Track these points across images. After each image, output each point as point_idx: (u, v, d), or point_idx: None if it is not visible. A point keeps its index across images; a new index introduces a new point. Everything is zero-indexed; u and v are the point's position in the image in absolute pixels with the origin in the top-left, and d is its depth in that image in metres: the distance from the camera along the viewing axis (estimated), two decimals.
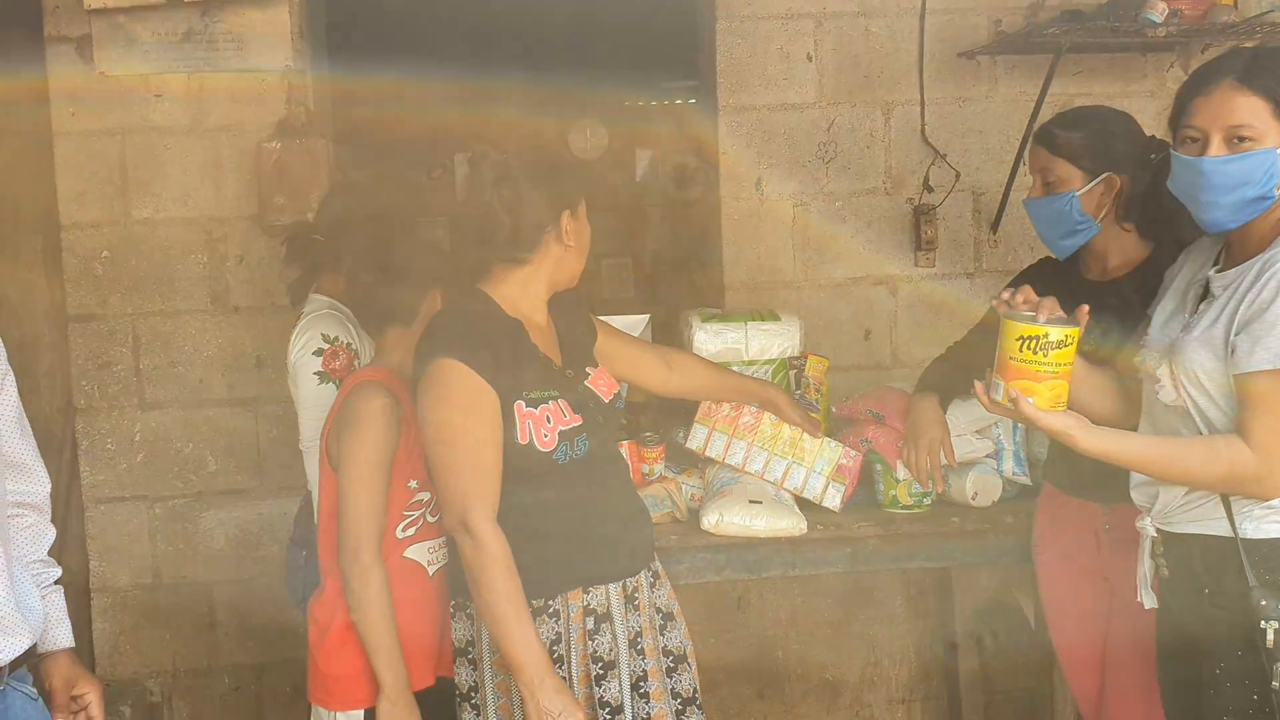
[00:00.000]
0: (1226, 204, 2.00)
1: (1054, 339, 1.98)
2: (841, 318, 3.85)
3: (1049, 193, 2.54)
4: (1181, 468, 2.01)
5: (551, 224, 2.28)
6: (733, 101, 3.77)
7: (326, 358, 2.70)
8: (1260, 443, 1.94)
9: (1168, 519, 2.12)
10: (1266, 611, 1.95)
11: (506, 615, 2.12)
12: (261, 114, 3.54)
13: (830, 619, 3.92)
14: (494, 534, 2.13)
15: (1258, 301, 1.95)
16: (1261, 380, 1.93)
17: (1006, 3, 3.76)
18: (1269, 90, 1.97)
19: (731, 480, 2.82)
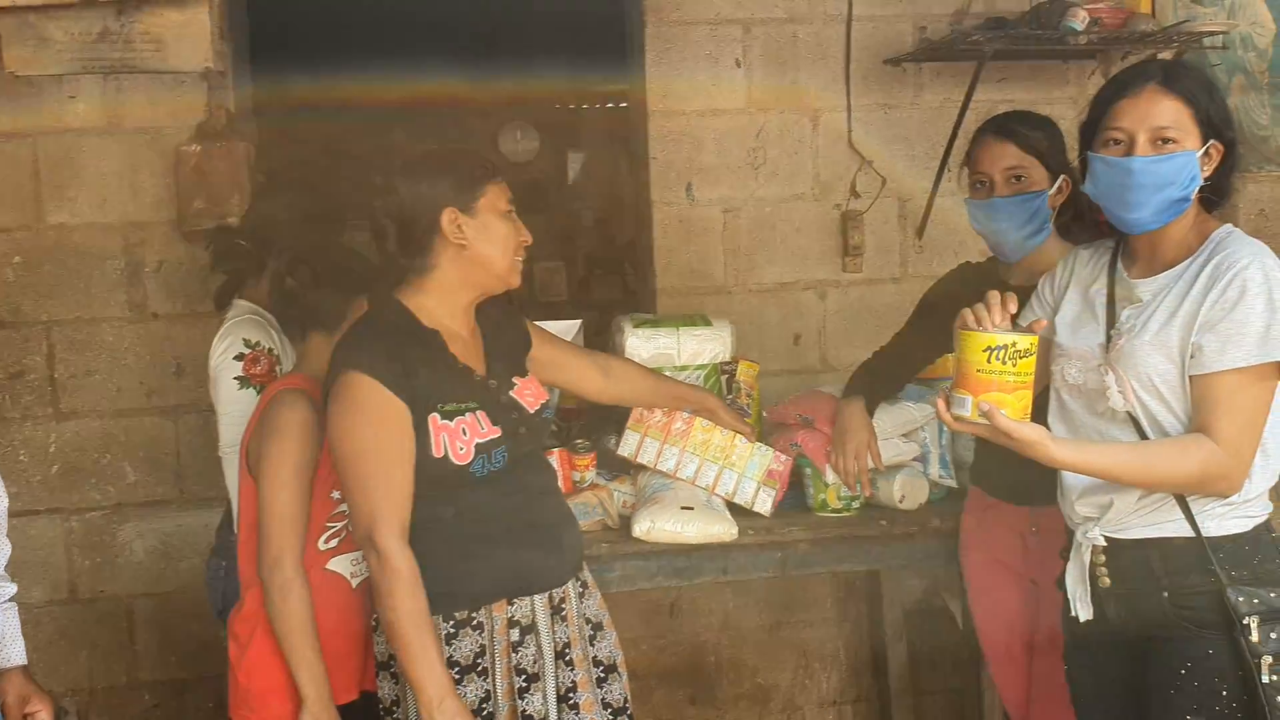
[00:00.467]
0: (1153, 204, 2.03)
1: (1022, 347, 1.96)
2: (771, 322, 3.86)
3: (1019, 190, 2.52)
4: (1154, 471, 2.01)
5: (435, 224, 2.21)
6: (662, 107, 3.77)
7: (248, 362, 2.67)
8: (1229, 439, 1.96)
9: (1121, 526, 2.11)
10: (1244, 608, 1.98)
11: (408, 634, 2.09)
12: (181, 116, 3.47)
13: (762, 623, 3.93)
14: (399, 551, 2.10)
15: (1221, 302, 1.97)
16: (1230, 378, 1.96)
17: (931, 10, 3.80)
18: (1189, 95, 2.02)
19: (663, 487, 2.81)
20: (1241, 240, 2.05)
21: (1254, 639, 1.96)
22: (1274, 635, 1.97)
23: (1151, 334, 2.04)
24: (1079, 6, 3.45)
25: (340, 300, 2.45)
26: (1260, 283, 1.96)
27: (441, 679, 2.09)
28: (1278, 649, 1.96)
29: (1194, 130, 2.02)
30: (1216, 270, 2.00)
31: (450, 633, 2.19)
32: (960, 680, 3.81)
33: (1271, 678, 1.95)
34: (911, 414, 2.87)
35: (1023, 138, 2.53)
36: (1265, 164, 4.06)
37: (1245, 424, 1.98)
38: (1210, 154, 2.05)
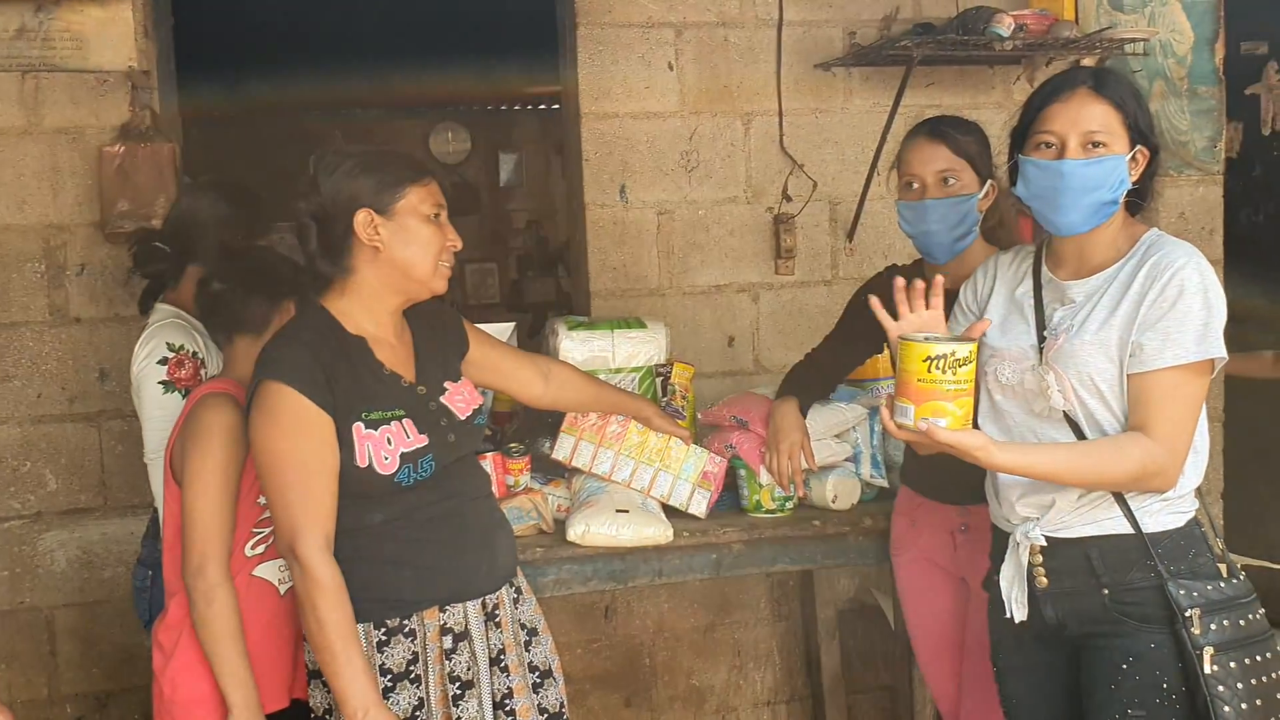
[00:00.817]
0: (1083, 206, 2.07)
1: (960, 356, 1.96)
2: (705, 325, 3.88)
3: (950, 193, 2.54)
4: (1094, 470, 2.04)
5: (350, 227, 2.17)
6: (595, 109, 3.77)
7: (172, 366, 2.64)
8: (1165, 435, 2.01)
9: (1061, 525, 2.13)
10: (1185, 601, 2.02)
11: (332, 645, 2.07)
12: (103, 116, 3.40)
13: (697, 625, 3.94)
14: (321, 562, 2.07)
15: (1160, 301, 2.01)
16: (1169, 376, 2.00)
17: (860, 16, 3.84)
18: (1119, 100, 2.06)
19: (598, 490, 2.81)
20: (1173, 242, 2.09)
21: (1195, 631, 2.00)
22: (1214, 627, 2.01)
23: (1091, 333, 2.07)
24: (1004, 13, 3.51)
25: (265, 303, 2.42)
26: (1197, 283, 2.01)
27: (365, 689, 2.07)
28: (1218, 640, 2.00)
29: (1123, 134, 2.07)
30: (1154, 271, 2.04)
31: (382, 640, 2.17)
32: (892, 678, 3.85)
33: (1213, 668, 1.99)
34: (844, 414, 2.90)
35: (954, 141, 2.55)
36: (1185, 168, 4.17)
37: (1181, 421, 2.02)
38: (1137, 159, 2.10)
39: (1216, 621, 2.02)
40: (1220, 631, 2.01)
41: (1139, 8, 4.08)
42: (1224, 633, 2.01)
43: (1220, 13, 4.16)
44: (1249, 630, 2.04)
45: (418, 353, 2.31)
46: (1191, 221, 4.14)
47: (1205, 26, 4.16)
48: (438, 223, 2.24)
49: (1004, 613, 2.20)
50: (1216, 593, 2.04)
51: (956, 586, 2.65)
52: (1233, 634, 2.02)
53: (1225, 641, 2.01)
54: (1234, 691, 1.99)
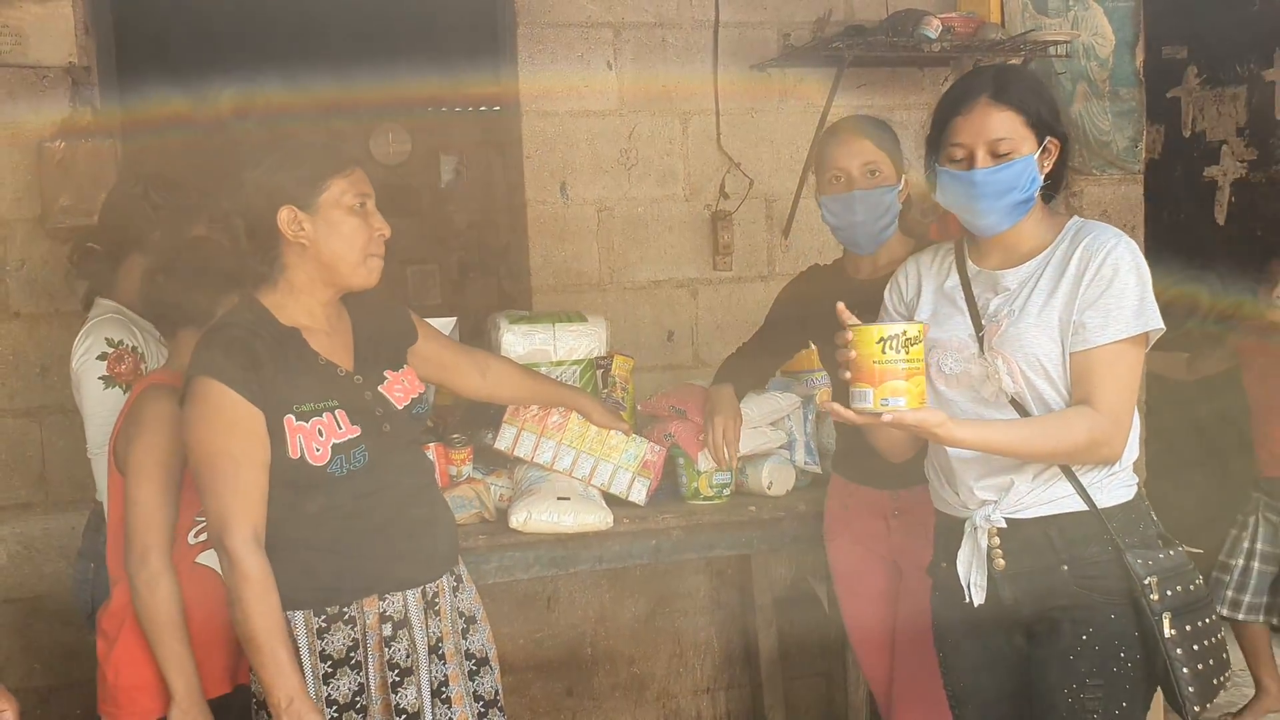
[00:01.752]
0: (999, 209, 2.16)
1: (911, 334, 2.04)
2: (645, 319, 3.94)
3: (876, 184, 2.62)
4: (1047, 442, 2.12)
5: (274, 223, 2.19)
6: (535, 107, 3.82)
7: (111, 362, 2.65)
8: (1109, 406, 2.10)
9: (1020, 506, 2.19)
10: (1143, 570, 2.11)
11: (257, 637, 2.10)
12: (44, 112, 3.38)
13: (637, 614, 4.00)
14: (247, 555, 2.10)
15: (1097, 280, 2.11)
16: (1110, 350, 2.10)
17: (794, 18, 3.94)
18: (1020, 103, 2.15)
19: (540, 479, 2.85)
20: (1100, 226, 2.19)
21: (1155, 598, 2.10)
22: (1169, 593, 2.11)
23: (1034, 316, 2.15)
24: (933, 16, 3.62)
25: (208, 296, 2.43)
26: (1130, 260, 2.11)
27: (290, 680, 2.10)
28: (1174, 605, 2.11)
29: (1028, 134, 2.15)
30: (1087, 253, 2.13)
31: (322, 627, 2.20)
32: (828, 664, 3.94)
33: (1171, 632, 2.10)
34: (779, 403, 2.98)
35: (874, 135, 2.65)
36: (1108, 168, 4.30)
37: (1122, 391, 2.11)
38: (1049, 149, 2.19)
39: (1171, 588, 2.12)
40: (1175, 597, 2.12)
41: (1062, 11, 4.20)
42: (1177, 598, 2.12)
43: (1140, 17, 4.31)
44: (1195, 595, 2.16)
45: (356, 341, 2.34)
46: (1114, 219, 4.27)
47: (1126, 30, 4.30)
48: (363, 212, 2.24)
49: (952, 599, 2.26)
50: (1167, 560, 2.15)
51: (889, 570, 2.72)
52: (1184, 599, 2.13)
53: (1179, 607, 2.12)
54: (1189, 654, 2.10)
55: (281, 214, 2.19)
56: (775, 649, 3.91)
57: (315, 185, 2.20)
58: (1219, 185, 5.03)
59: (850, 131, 2.67)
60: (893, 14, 3.74)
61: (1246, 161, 4.96)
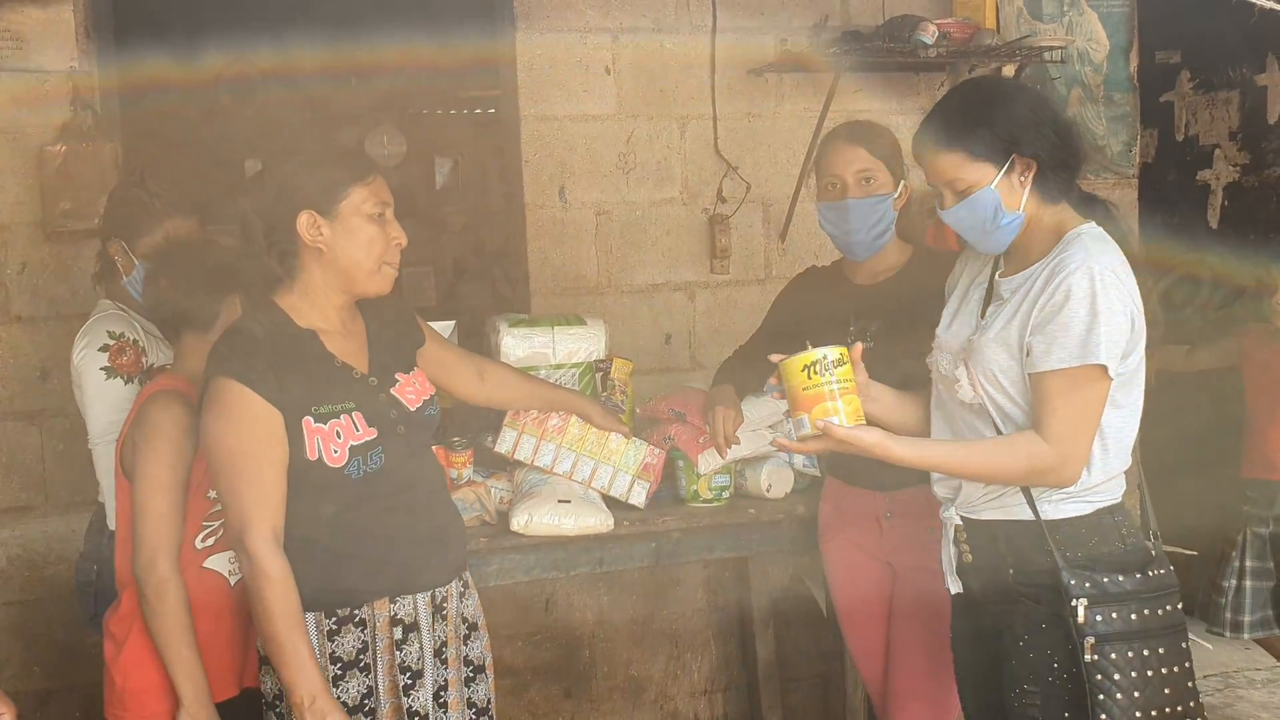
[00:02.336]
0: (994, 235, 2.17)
1: (832, 358, 2.12)
2: (643, 322, 3.96)
3: (870, 192, 2.64)
4: (985, 467, 2.14)
5: (293, 228, 2.20)
6: (534, 111, 3.84)
7: (113, 353, 2.68)
8: (1055, 435, 2.07)
9: (972, 508, 2.24)
10: (1075, 590, 2.10)
11: (279, 635, 2.11)
12: (45, 117, 3.39)
13: (635, 617, 4.01)
14: (269, 554, 2.11)
15: (1049, 305, 2.08)
16: (1056, 378, 2.07)
17: (791, 23, 3.96)
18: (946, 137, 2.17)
19: (540, 481, 2.87)
20: (1082, 243, 2.11)
21: (1080, 620, 2.09)
22: (1099, 618, 2.08)
23: (995, 330, 2.16)
24: (929, 21, 3.64)
25: (212, 300, 2.44)
26: (1085, 289, 2.04)
27: (313, 679, 2.12)
28: (1105, 631, 2.08)
29: (983, 166, 2.13)
30: (1054, 272, 2.10)
31: (332, 629, 2.22)
32: (825, 665, 3.96)
33: (1093, 657, 2.08)
34: (777, 406, 2.96)
35: (871, 143, 2.67)
36: (1102, 172, 4.33)
37: (1072, 421, 2.07)
38: (1016, 165, 2.14)
39: (1104, 613, 2.09)
40: (1108, 623, 2.08)
41: (1057, 17, 4.24)
42: (1112, 624, 2.08)
43: (1134, 23, 4.34)
44: (1146, 624, 2.10)
45: (370, 343, 2.35)
46: None
47: (1120, 35, 4.33)
48: (382, 221, 2.26)
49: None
50: (1114, 585, 2.10)
51: (883, 571, 2.74)
52: (1123, 626, 2.09)
53: (1114, 633, 2.08)
54: (1129, 681, 2.07)
55: (301, 218, 2.20)
56: (773, 651, 3.93)
57: (337, 191, 2.22)
58: (1212, 189, 5.06)
59: (846, 139, 2.69)
60: (889, 20, 3.76)
61: (1239, 165, 4.99)
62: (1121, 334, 2.06)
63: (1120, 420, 2.14)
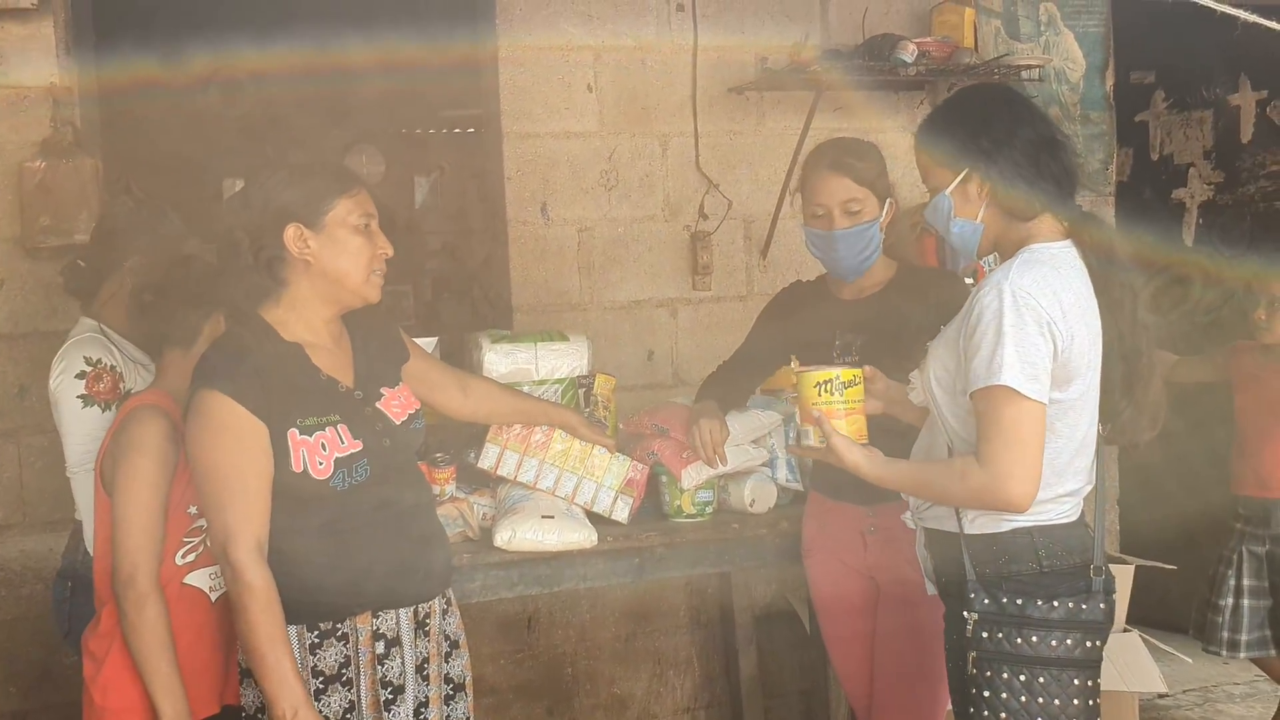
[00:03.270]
0: None
1: (845, 379, 2.25)
2: (625, 339, 3.97)
3: (856, 222, 2.65)
4: (933, 487, 2.20)
5: (280, 240, 2.21)
6: (516, 129, 3.85)
7: (90, 381, 2.65)
8: (984, 456, 2.06)
9: (921, 516, 2.32)
10: (973, 604, 2.15)
11: (261, 648, 2.11)
12: (24, 132, 3.37)
13: (618, 634, 4.01)
14: (252, 566, 2.11)
15: (966, 327, 2.10)
16: (976, 400, 2.08)
17: (772, 42, 3.98)
18: None
19: (523, 497, 2.86)
20: (1011, 265, 2.10)
21: (967, 632, 2.16)
22: (985, 635, 2.13)
23: (939, 341, 2.22)
24: (908, 40, 3.68)
25: (193, 316, 2.44)
26: (994, 311, 2.04)
27: (295, 692, 2.11)
28: (987, 648, 2.13)
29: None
30: (975, 294, 2.12)
31: (315, 642, 2.20)
32: (808, 682, 3.95)
33: (973, 670, 2.15)
34: (760, 421, 3.00)
35: (855, 170, 2.66)
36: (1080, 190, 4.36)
37: (997, 442, 2.04)
38: (972, 182, 2.18)
39: (991, 633, 2.13)
40: (994, 643, 2.12)
41: (1034, 36, 4.29)
42: (999, 645, 2.12)
43: (1110, 43, 4.40)
44: (1033, 653, 2.11)
45: (356, 357, 2.35)
46: None
47: (1096, 55, 4.38)
48: (368, 232, 2.27)
49: None
50: (1013, 607, 2.12)
51: (866, 586, 2.74)
52: (1011, 649, 2.11)
53: (1001, 654, 2.12)
54: (1018, 703, 2.11)
55: (288, 231, 2.21)
56: (756, 668, 3.93)
57: (322, 204, 2.22)
58: (1187, 207, 5.12)
59: (831, 168, 2.67)
60: (869, 38, 3.80)
61: (1213, 184, 5.05)
62: (1035, 354, 2.02)
63: (1052, 448, 2.10)
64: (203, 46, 5.22)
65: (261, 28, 5.00)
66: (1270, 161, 4.84)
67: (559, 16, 3.86)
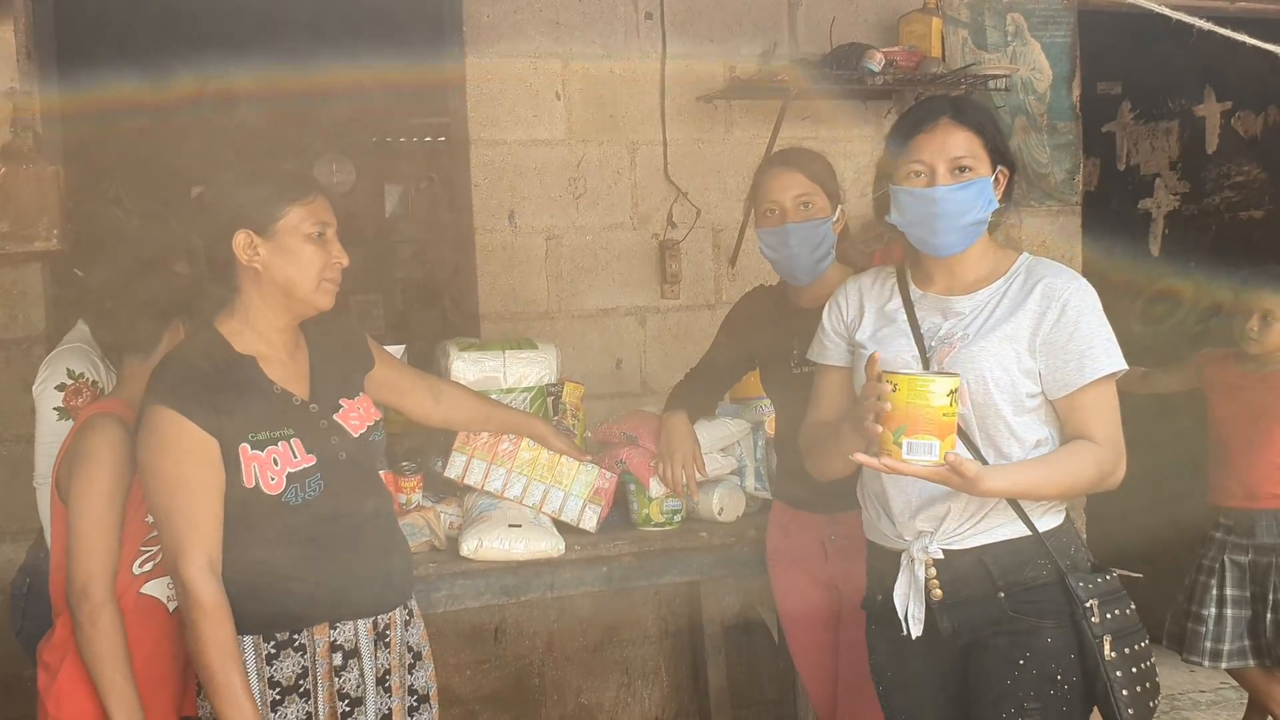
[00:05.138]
0: (958, 228, 2.19)
1: (959, 386, 2.03)
2: (593, 347, 3.96)
3: (808, 216, 2.65)
4: (1067, 478, 2.15)
5: (229, 247, 2.19)
6: (484, 136, 3.84)
7: (68, 394, 2.63)
8: (1107, 437, 2.15)
9: (956, 537, 2.20)
10: (1084, 593, 2.15)
11: (212, 665, 2.09)
12: None
13: (586, 644, 3.99)
14: (204, 583, 2.09)
15: (1062, 323, 2.14)
16: (1093, 389, 2.14)
17: (740, 50, 3.99)
18: (978, 125, 2.20)
19: (490, 506, 2.85)
20: (1055, 265, 2.24)
21: (1095, 620, 2.14)
22: (1109, 615, 2.15)
23: (988, 339, 2.17)
24: (875, 49, 3.69)
25: (152, 324, 2.41)
26: (1092, 303, 2.17)
27: (244, 711, 2.09)
28: (1114, 627, 2.14)
29: (985, 157, 2.20)
30: (1050, 294, 2.17)
31: (271, 653, 2.18)
32: (776, 692, 3.95)
33: (1112, 654, 2.13)
34: (729, 429, 3.00)
35: (807, 167, 2.68)
36: (1046, 199, 4.40)
37: (1113, 422, 2.18)
38: (999, 179, 2.23)
39: (1110, 611, 2.16)
40: (1114, 620, 2.15)
41: (1001, 46, 4.31)
42: (1116, 621, 2.16)
43: (1076, 53, 4.43)
44: (1132, 620, 2.19)
45: (313, 369, 2.32)
46: (1052, 249, 4.37)
47: (1063, 66, 4.41)
48: (321, 241, 2.24)
49: (888, 631, 2.27)
50: (1104, 584, 2.18)
51: (829, 594, 2.73)
52: (1122, 623, 2.16)
53: (1118, 630, 2.15)
54: (1128, 675, 2.13)
55: (238, 238, 2.18)
56: (724, 678, 3.92)
57: (274, 211, 2.19)
58: (1153, 217, 5.16)
59: (782, 164, 2.71)
60: (836, 48, 3.81)
61: (1179, 194, 5.10)
62: None
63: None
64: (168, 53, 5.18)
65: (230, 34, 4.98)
66: (1234, 172, 4.90)
67: (527, 24, 3.85)
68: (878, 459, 2.02)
